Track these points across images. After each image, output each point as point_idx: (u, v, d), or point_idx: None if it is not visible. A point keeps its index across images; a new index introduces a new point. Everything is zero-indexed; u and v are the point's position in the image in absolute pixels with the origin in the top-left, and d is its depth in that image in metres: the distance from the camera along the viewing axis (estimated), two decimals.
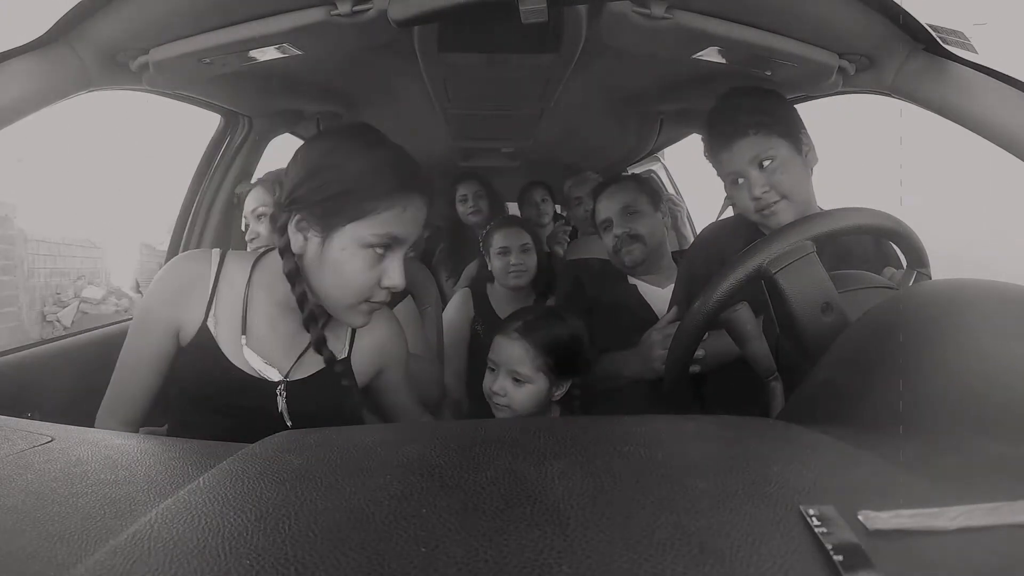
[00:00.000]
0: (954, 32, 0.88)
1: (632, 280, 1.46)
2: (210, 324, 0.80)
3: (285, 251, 0.77)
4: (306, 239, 0.75)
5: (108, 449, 0.45)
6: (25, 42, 0.80)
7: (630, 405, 1.23)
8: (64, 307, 5.35)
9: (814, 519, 0.29)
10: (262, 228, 1.40)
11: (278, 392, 0.80)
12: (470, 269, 2.13)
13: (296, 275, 0.77)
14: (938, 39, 0.87)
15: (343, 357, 0.86)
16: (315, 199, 0.74)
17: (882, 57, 0.95)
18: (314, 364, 0.83)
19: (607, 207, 1.45)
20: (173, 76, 0.98)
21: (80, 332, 1.27)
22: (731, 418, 0.49)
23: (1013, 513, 0.29)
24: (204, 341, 0.80)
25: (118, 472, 0.40)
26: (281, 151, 1.71)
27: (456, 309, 1.76)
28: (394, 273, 0.75)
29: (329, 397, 0.83)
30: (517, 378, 1.00)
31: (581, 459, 0.38)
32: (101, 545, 0.30)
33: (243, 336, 0.80)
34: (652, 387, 1.19)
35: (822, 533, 0.28)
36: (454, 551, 0.28)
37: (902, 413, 0.44)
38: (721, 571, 0.26)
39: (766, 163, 1.00)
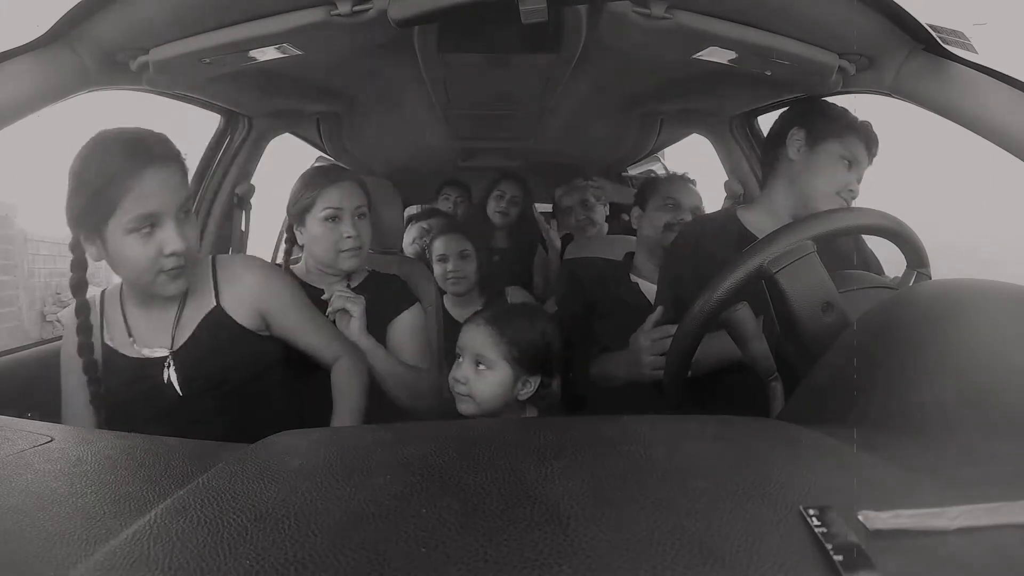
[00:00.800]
0: (954, 32, 0.88)
1: (634, 278, 1.46)
2: (107, 340, 0.92)
3: (74, 266, 0.88)
4: (96, 246, 0.83)
5: (108, 449, 0.45)
6: (25, 42, 0.80)
7: (628, 405, 1.22)
8: (64, 307, 5.33)
9: (814, 519, 0.29)
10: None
11: (165, 364, 0.90)
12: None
13: (79, 287, 0.89)
14: (938, 39, 0.87)
15: (213, 306, 0.94)
16: (78, 214, 0.81)
17: (882, 57, 0.95)
18: (191, 326, 0.92)
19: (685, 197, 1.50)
20: (173, 76, 0.98)
21: None
22: (731, 418, 0.49)
23: (1013, 513, 0.29)
24: (108, 353, 0.91)
25: (118, 472, 0.40)
26: (281, 151, 1.71)
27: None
28: (171, 241, 0.82)
29: (214, 348, 0.92)
30: (481, 362, 0.99)
31: (581, 459, 0.38)
32: (101, 545, 0.30)
33: (131, 338, 0.92)
34: (650, 387, 1.18)
35: (822, 533, 0.28)
36: (454, 551, 0.28)
37: (902, 413, 0.44)
38: (721, 571, 0.26)
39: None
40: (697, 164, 1.80)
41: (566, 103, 1.53)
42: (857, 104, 1.10)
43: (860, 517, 0.29)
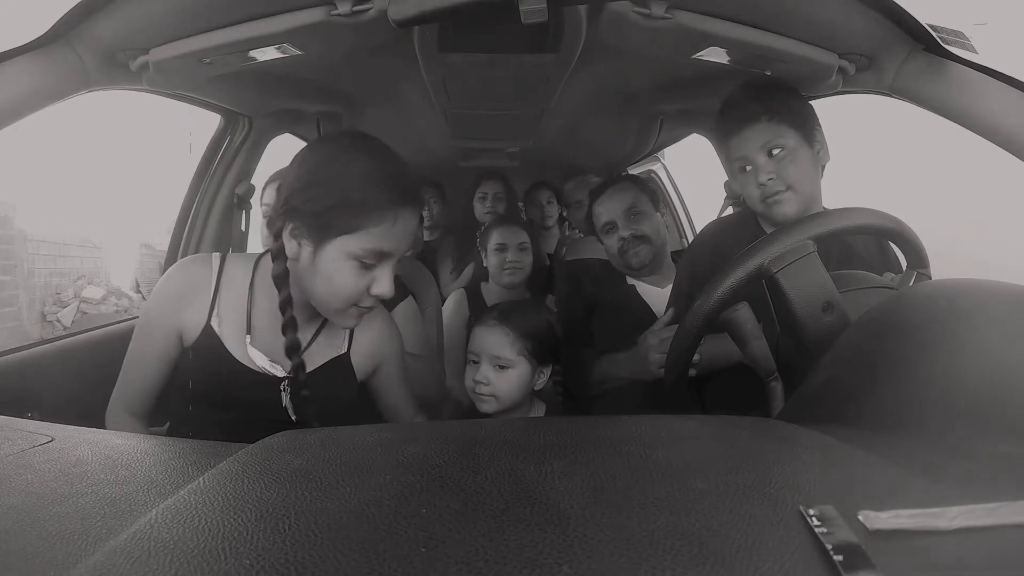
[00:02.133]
0: (954, 32, 0.88)
1: (631, 281, 1.45)
2: (214, 324, 0.83)
3: (277, 255, 0.80)
4: (300, 246, 0.78)
5: (108, 449, 0.45)
6: (25, 42, 0.80)
7: (629, 405, 1.22)
8: (64, 307, 5.34)
9: (814, 519, 0.29)
10: None
11: (282, 387, 0.83)
12: (468, 271, 2.14)
13: (284, 279, 0.80)
14: (938, 39, 0.87)
15: (342, 353, 0.89)
16: (309, 210, 0.75)
17: (882, 57, 0.95)
18: (317, 360, 0.87)
19: (609, 209, 1.45)
20: (173, 76, 0.98)
21: (80, 332, 1.27)
22: (731, 418, 0.49)
23: (1013, 513, 0.29)
24: (209, 341, 0.82)
25: (118, 472, 0.40)
26: (281, 151, 1.71)
27: (452, 311, 1.76)
28: (383, 283, 0.78)
29: (330, 392, 0.87)
30: (500, 364, 1.00)
31: (581, 459, 0.38)
32: (101, 545, 0.30)
33: (248, 335, 0.83)
34: (651, 388, 1.19)
35: (822, 533, 0.28)
36: (454, 551, 0.28)
37: (902, 413, 0.44)
38: (721, 571, 0.26)
39: (775, 151, 1.00)
40: (697, 164, 1.80)
41: (566, 103, 1.53)
42: (857, 104, 1.10)
43: (860, 517, 0.29)
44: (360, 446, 0.42)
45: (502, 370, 1.00)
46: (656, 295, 1.41)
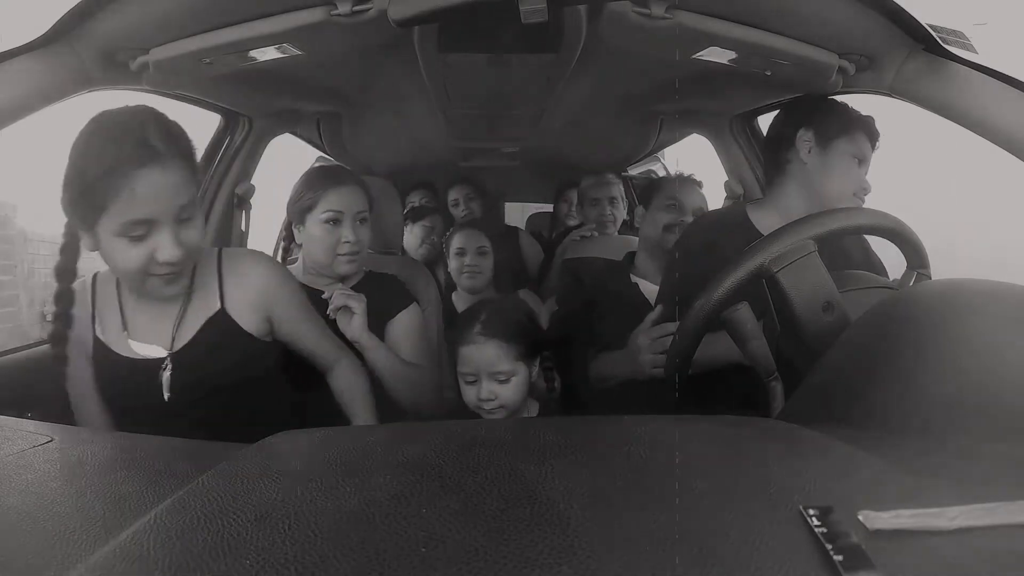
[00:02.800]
0: (954, 32, 0.88)
1: (634, 278, 1.45)
2: (99, 334, 0.87)
3: (61, 251, 0.83)
4: (89, 237, 0.78)
5: (108, 449, 0.45)
6: (25, 42, 0.80)
7: (628, 405, 1.22)
8: None
9: (814, 519, 0.29)
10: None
11: (162, 367, 0.85)
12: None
13: (63, 272, 0.84)
14: (938, 39, 0.87)
15: (217, 309, 0.89)
16: (68, 205, 0.76)
17: (882, 57, 0.95)
18: (194, 326, 0.87)
19: (691, 199, 1.50)
20: (173, 76, 0.98)
21: None
22: (731, 418, 0.49)
23: (1013, 513, 0.29)
24: (101, 351, 0.87)
25: (118, 472, 0.40)
26: (281, 151, 1.71)
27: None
28: (165, 248, 0.76)
29: (218, 352, 0.88)
30: (500, 378, 0.99)
31: (581, 459, 0.38)
32: (101, 545, 0.30)
33: (124, 331, 0.87)
34: (650, 387, 1.18)
35: (822, 533, 0.28)
36: (454, 551, 0.28)
37: (902, 413, 0.44)
38: (721, 571, 0.26)
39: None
40: (697, 164, 1.80)
41: (566, 103, 1.53)
42: (857, 104, 1.10)
43: (860, 517, 0.29)
44: (359, 446, 0.42)
45: (505, 382, 0.99)
46: None
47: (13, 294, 4.72)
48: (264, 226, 1.83)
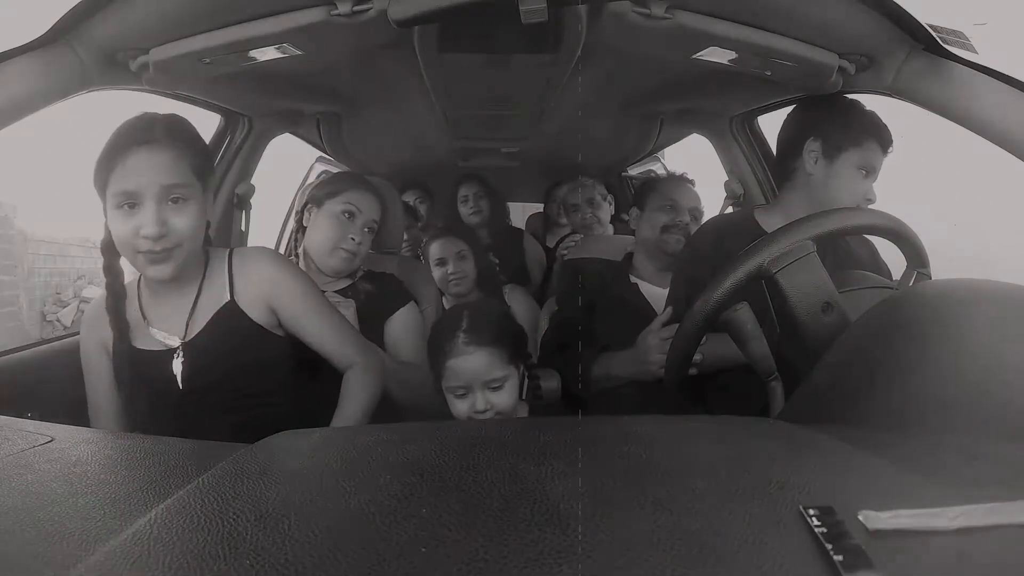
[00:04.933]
0: (954, 32, 0.88)
1: (634, 279, 1.46)
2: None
3: (103, 249, 0.90)
4: (104, 209, 0.85)
5: (108, 449, 0.45)
6: (25, 42, 0.80)
7: (629, 405, 1.22)
8: (64, 307, 5.34)
9: (814, 519, 0.29)
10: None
11: (175, 356, 0.89)
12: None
13: (108, 249, 0.89)
14: (938, 39, 0.87)
15: (228, 300, 0.92)
16: (94, 184, 0.84)
17: (882, 57, 0.95)
18: (207, 315, 0.91)
19: (686, 198, 1.48)
20: (173, 76, 0.98)
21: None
22: (731, 418, 0.49)
23: (1013, 513, 0.29)
24: (117, 340, 0.91)
25: (118, 472, 0.40)
26: (281, 151, 1.71)
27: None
28: (145, 224, 0.81)
29: (225, 344, 0.91)
30: (494, 386, 0.95)
31: (581, 459, 0.38)
32: (101, 545, 0.30)
33: (145, 321, 0.91)
34: (651, 387, 1.18)
35: (822, 533, 0.28)
36: (454, 551, 0.28)
37: (902, 413, 0.44)
38: (721, 571, 0.26)
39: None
40: (697, 164, 1.80)
41: (566, 103, 1.53)
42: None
43: (860, 517, 0.29)
44: (360, 446, 0.42)
45: (499, 389, 0.97)
46: (659, 294, 1.41)
47: (13, 294, 4.72)
48: (264, 226, 1.83)
